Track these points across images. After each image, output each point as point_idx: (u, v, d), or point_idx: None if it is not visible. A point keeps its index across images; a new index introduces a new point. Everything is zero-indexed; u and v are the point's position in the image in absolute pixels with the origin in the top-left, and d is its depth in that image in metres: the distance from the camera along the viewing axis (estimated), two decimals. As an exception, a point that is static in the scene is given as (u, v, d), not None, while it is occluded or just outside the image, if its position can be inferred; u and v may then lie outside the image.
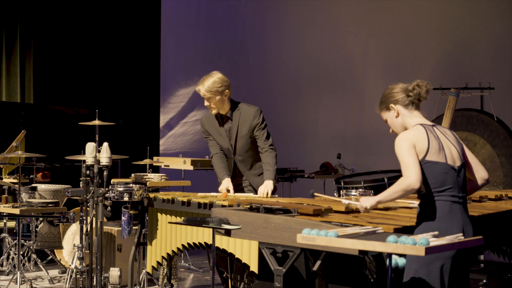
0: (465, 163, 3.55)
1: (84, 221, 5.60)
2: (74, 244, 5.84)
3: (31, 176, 6.93)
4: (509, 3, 8.03)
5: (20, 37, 9.76)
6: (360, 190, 5.82)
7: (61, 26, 9.95)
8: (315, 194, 4.18)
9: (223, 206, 4.31)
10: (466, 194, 3.52)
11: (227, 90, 5.14)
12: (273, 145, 5.28)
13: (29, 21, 9.81)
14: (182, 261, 7.43)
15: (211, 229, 3.93)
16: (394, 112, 3.55)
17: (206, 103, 5.18)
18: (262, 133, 5.23)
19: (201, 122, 5.39)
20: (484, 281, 5.80)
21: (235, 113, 5.17)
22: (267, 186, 5.07)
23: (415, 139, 3.39)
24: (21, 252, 6.42)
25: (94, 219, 5.29)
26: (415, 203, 4.05)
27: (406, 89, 3.55)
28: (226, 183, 5.16)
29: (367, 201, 3.49)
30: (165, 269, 5.60)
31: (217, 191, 5.20)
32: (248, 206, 4.00)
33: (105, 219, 6.12)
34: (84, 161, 5.29)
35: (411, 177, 3.30)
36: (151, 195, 5.05)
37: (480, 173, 3.62)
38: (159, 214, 4.99)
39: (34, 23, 9.83)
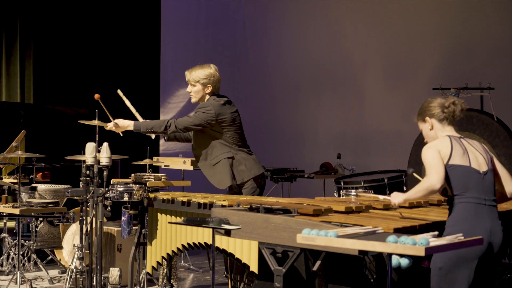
0: (495, 173, 3.69)
1: (84, 221, 5.60)
2: (74, 244, 5.84)
3: (31, 176, 6.92)
4: (509, 3, 8.03)
5: (20, 37, 9.76)
6: (360, 190, 5.82)
7: (61, 27, 9.95)
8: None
9: (223, 206, 4.30)
10: (495, 198, 3.62)
11: (209, 85, 5.22)
12: (175, 124, 5.12)
13: (29, 21, 9.80)
14: (182, 261, 7.43)
15: (211, 229, 3.93)
16: (429, 125, 3.75)
17: (188, 89, 5.34)
18: (188, 115, 5.19)
19: None
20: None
21: None
22: (122, 122, 5.23)
23: (439, 147, 3.59)
24: (21, 252, 6.42)
25: (94, 219, 5.28)
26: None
27: (442, 105, 3.73)
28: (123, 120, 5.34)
29: (396, 198, 3.70)
30: (165, 269, 5.59)
31: (217, 192, 5.21)
32: (248, 206, 4.00)
33: (105, 219, 6.12)
34: (84, 161, 5.29)
35: (432, 178, 3.49)
36: (151, 195, 5.05)
37: (508, 188, 3.75)
38: (159, 214, 4.99)
39: (34, 24, 9.82)
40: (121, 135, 5.35)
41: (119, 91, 5.41)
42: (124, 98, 5.43)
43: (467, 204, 3.52)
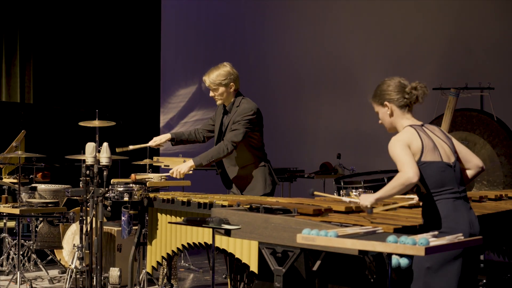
0: (457, 157, 3.57)
1: (84, 221, 5.60)
2: (74, 244, 5.84)
3: (31, 176, 6.92)
4: (509, 3, 8.03)
5: (20, 36, 9.75)
6: (360, 190, 5.82)
7: (61, 25, 9.94)
8: (315, 193, 4.16)
9: (223, 206, 4.30)
10: (465, 187, 3.55)
11: (232, 83, 5.16)
12: (231, 143, 5.02)
13: (29, 20, 9.80)
14: (182, 261, 7.43)
15: (211, 229, 3.93)
16: (388, 110, 3.56)
17: (211, 94, 5.24)
18: (234, 128, 5.07)
19: (217, 107, 5.39)
20: (484, 281, 5.79)
21: (233, 108, 5.17)
22: (181, 165, 5.07)
23: (408, 140, 3.41)
24: (21, 252, 6.42)
25: (94, 219, 5.29)
26: (414, 197, 4.07)
27: (403, 89, 3.53)
28: (162, 136, 5.39)
29: (367, 199, 3.41)
30: (165, 269, 5.59)
31: (217, 192, 5.21)
32: (248, 206, 4.00)
33: (105, 219, 6.12)
34: (84, 161, 5.29)
35: (409, 172, 3.28)
36: (151, 195, 5.05)
37: (474, 161, 3.64)
38: (159, 214, 4.99)
39: (34, 23, 9.82)
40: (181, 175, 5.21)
41: (117, 150, 5.34)
42: (125, 149, 5.37)
43: (446, 200, 3.42)
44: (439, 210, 3.43)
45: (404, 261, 2.91)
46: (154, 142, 5.40)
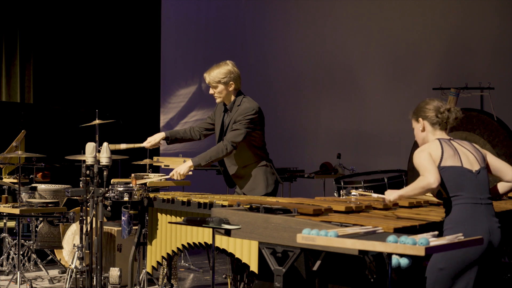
0: (492, 169, 3.73)
1: (84, 221, 5.60)
2: (74, 244, 5.84)
3: (31, 176, 6.92)
4: (509, 3, 8.04)
5: (20, 36, 9.75)
6: (360, 190, 5.82)
7: (61, 26, 9.94)
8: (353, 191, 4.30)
9: (223, 206, 4.30)
10: (490, 196, 3.63)
11: (231, 82, 5.15)
12: (230, 143, 5.01)
13: (29, 20, 9.80)
14: (182, 261, 7.43)
15: (211, 229, 3.93)
16: (421, 126, 3.78)
17: (210, 91, 5.23)
18: (235, 128, 5.05)
19: (217, 105, 5.38)
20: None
21: (234, 107, 5.16)
22: (180, 167, 5.06)
23: (429, 150, 3.61)
24: (21, 252, 6.42)
25: (94, 219, 5.28)
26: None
27: (437, 109, 3.74)
28: (156, 135, 5.34)
29: (391, 195, 3.67)
30: (165, 269, 5.59)
31: (217, 192, 5.21)
32: (248, 206, 4.00)
33: (105, 219, 6.11)
34: (84, 161, 5.29)
35: (430, 177, 3.48)
36: (151, 195, 5.05)
37: (509, 175, 3.77)
38: (159, 214, 4.99)
39: (34, 23, 9.82)
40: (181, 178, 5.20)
41: (110, 147, 5.32)
42: (117, 147, 5.35)
43: (464, 205, 3.52)
44: (458, 214, 3.52)
45: (404, 261, 2.91)
46: (148, 143, 5.38)
